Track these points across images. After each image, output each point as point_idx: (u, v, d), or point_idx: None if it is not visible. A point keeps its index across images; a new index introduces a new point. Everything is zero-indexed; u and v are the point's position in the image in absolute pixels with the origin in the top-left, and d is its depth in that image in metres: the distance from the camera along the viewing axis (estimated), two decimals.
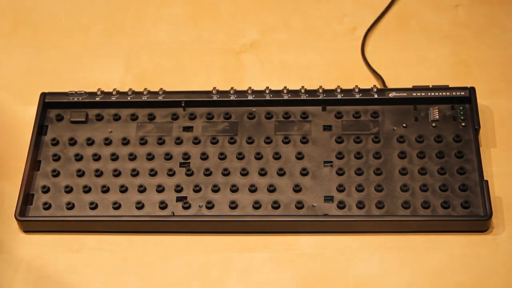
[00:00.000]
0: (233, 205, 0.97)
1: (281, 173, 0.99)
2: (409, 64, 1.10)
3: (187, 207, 0.97)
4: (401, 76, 1.07)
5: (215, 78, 1.07)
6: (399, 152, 0.99)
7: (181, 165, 1.01)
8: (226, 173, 0.99)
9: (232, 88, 1.04)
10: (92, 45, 1.16)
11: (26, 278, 0.95)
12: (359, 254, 0.94)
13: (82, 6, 1.20)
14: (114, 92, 1.05)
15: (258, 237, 0.96)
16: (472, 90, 1.02)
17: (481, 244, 0.94)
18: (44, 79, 1.09)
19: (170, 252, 0.96)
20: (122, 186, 0.99)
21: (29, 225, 0.98)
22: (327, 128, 1.02)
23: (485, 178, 0.96)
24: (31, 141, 1.02)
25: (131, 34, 1.17)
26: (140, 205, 0.98)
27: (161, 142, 1.02)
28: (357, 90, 1.03)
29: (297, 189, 0.98)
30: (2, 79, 1.13)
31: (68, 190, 0.99)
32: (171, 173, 1.00)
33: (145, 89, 1.05)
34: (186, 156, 1.01)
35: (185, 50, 1.14)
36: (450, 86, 1.03)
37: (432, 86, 1.03)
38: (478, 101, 1.02)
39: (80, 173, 1.00)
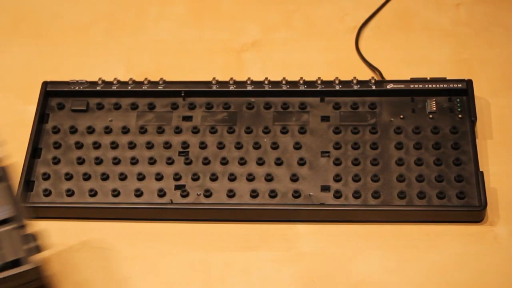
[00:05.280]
0: (231, 194, 0.98)
1: (278, 162, 1.00)
2: (410, 62, 1.10)
3: (185, 195, 0.98)
4: (402, 75, 1.08)
5: (216, 77, 1.07)
6: (396, 143, 1.00)
7: (180, 153, 1.02)
8: (224, 162, 1.00)
9: (231, 78, 1.05)
10: (93, 44, 1.16)
11: None
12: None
13: (84, 4, 1.21)
14: (115, 82, 1.06)
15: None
16: (469, 82, 1.03)
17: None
18: (45, 78, 1.09)
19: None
20: (121, 174, 1.00)
21: (29, 211, 0.99)
22: (325, 118, 1.03)
23: (480, 169, 0.97)
24: (32, 129, 1.03)
25: (133, 33, 1.17)
26: (138, 193, 0.98)
27: (160, 131, 1.03)
28: (355, 81, 1.04)
29: (294, 178, 0.98)
30: (3, 77, 1.13)
31: (68, 177, 1.00)
32: (170, 161, 1.01)
33: (146, 78, 1.06)
34: (185, 145, 1.02)
35: (186, 49, 1.15)
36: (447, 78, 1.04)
37: (430, 78, 1.04)
38: (478, 98, 1.03)
39: (80, 161, 1.01)
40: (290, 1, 1.19)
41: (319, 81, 1.05)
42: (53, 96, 1.07)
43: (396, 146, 1.00)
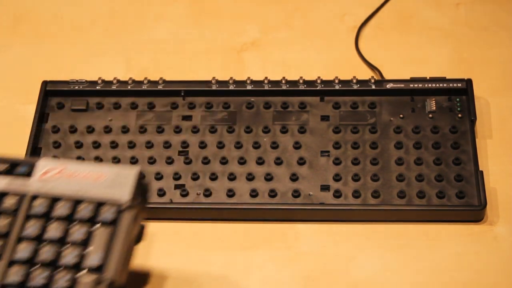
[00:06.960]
0: (231, 193, 0.98)
1: (278, 162, 1.00)
2: (410, 62, 1.10)
3: (185, 194, 0.98)
4: (402, 74, 1.07)
5: (216, 76, 1.07)
6: (396, 143, 1.00)
7: (180, 153, 1.01)
8: (224, 161, 1.00)
9: (231, 78, 1.05)
10: (93, 43, 1.16)
11: None
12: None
13: (83, 4, 1.21)
14: (115, 81, 1.06)
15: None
16: (469, 82, 1.03)
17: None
18: (45, 78, 1.08)
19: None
20: None
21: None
22: (325, 118, 1.03)
23: (480, 169, 0.97)
24: (32, 128, 1.03)
25: (132, 32, 1.17)
26: None
27: (160, 130, 1.03)
28: (355, 81, 1.04)
29: (294, 178, 0.99)
30: (3, 77, 1.13)
31: None
32: (169, 161, 1.01)
33: (145, 78, 1.06)
34: (185, 144, 1.02)
35: (186, 49, 1.15)
36: (447, 78, 1.04)
37: (430, 77, 1.04)
38: (477, 97, 1.03)
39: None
40: (289, 1, 1.19)
41: (318, 81, 1.05)
42: (53, 95, 1.07)
43: (395, 146, 1.00)
